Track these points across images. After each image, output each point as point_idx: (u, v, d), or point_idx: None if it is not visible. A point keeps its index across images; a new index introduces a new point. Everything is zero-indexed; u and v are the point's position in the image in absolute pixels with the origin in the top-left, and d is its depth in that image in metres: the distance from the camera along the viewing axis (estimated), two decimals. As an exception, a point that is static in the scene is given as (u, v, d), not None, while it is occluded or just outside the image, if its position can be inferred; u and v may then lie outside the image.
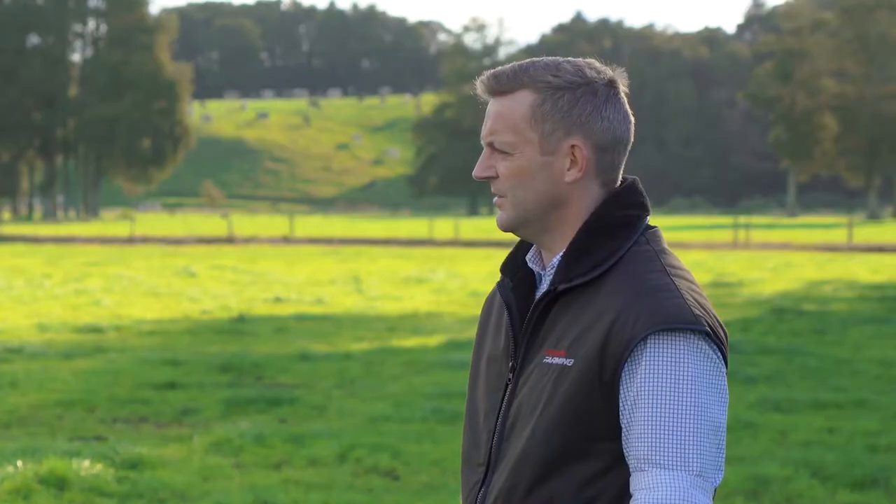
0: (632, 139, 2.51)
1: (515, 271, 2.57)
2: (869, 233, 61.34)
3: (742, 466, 8.65)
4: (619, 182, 2.51)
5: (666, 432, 2.30)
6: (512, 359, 2.50)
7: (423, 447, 9.31)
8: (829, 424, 10.31)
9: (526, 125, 2.45)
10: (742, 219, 66.27)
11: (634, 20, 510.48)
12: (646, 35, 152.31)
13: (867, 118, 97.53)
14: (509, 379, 2.50)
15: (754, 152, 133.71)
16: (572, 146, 2.44)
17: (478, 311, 19.01)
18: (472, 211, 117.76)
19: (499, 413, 2.51)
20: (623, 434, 2.35)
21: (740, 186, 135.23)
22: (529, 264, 2.55)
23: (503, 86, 2.47)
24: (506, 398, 2.50)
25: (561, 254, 2.47)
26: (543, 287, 2.52)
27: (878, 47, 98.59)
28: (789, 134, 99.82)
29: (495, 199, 2.51)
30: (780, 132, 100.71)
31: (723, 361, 2.38)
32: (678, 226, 66.68)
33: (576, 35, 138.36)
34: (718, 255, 39.69)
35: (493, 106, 2.49)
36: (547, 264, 2.52)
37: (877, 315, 19.47)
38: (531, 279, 2.55)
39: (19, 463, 8.37)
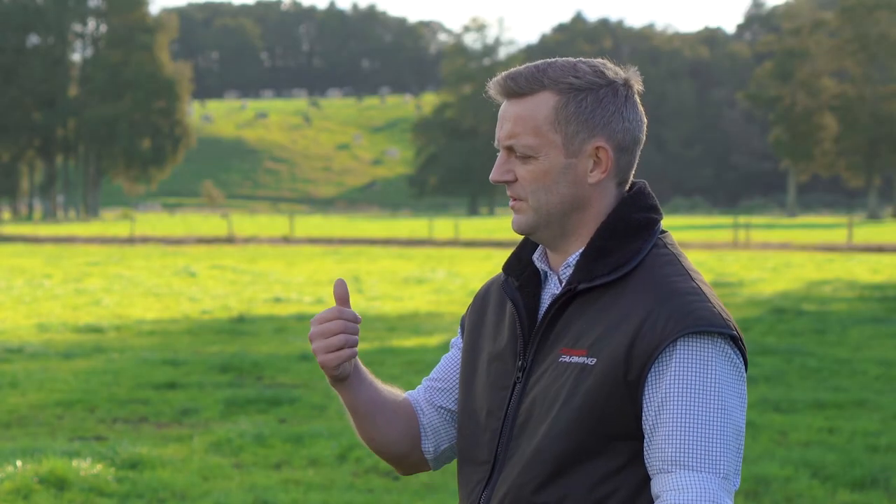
0: (644, 139, 2.51)
1: (521, 271, 2.55)
2: (869, 233, 61.33)
3: (742, 466, 8.64)
4: (630, 182, 2.52)
5: (694, 434, 2.30)
6: (521, 357, 2.49)
7: (423, 447, 9.30)
8: (829, 424, 10.30)
9: (549, 127, 2.43)
10: (742, 219, 66.26)
11: (634, 20, 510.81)
12: (646, 35, 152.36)
13: (867, 118, 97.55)
14: (518, 378, 2.49)
15: (754, 152, 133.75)
16: (597, 147, 2.43)
17: (478, 311, 18.94)
18: (472, 211, 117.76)
19: (506, 411, 2.49)
20: (646, 435, 2.35)
21: (740, 186, 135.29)
22: (536, 263, 2.54)
23: (522, 87, 2.44)
24: (514, 396, 2.48)
25: (578, 253, 2.46)
26: (551, 286, 2.51)
27: (878, 47, 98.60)
28: (789, 134, 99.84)
29: (512, 202, 2.48)
30: (780, 132, 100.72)
31: (744, 366, 2.40)
32: (678, 226, 66.66)
33: (576, 35, 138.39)
34: (718, 255, 39.68)
35: (511, 108, 2.45)
36: (556, 264, 2.51)
37: (877, 315, 19.46)
38: (537, 278, 2.54)
39: (19, 463, 8.36)
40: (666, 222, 2.51)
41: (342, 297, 2.50)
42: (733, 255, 39.92)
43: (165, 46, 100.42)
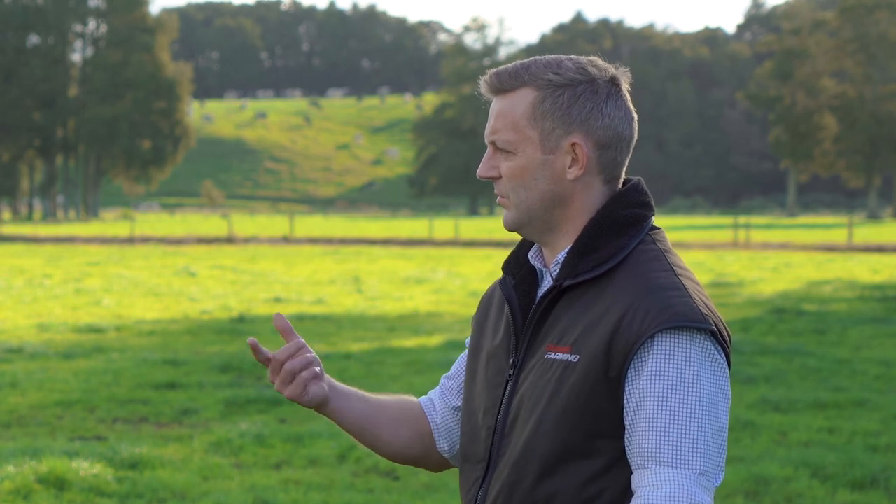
0: (635, 136, 2.50)
1: (518, 269, 2.57)
2: (869, 233, 61.31)
3: (742, 466, 8.64)
4: (622, 179, 2.52)
5: (670, 430, 2.30)
6: (513, 355, 2.50)
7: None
8: (829, 424, 10.30)
9: (526, 123, 2.45)
10: (742, 219, 66.26)
11: (634, 20, 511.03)
12: (646, 35, 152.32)
13: (867, 118, 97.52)
14: (510, 375, 2.50)
15: (754, 152, 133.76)
16: (573, 144, 2.44)
17: (478, 311, 18.88)
18: (472, 211, 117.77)
19: (499, 409, 2.51)
20: (626, 431, 2.35)
21: (740, 186, 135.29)
22: (532, 261, 2.55)
23: (505, 84, 2.47)
24: (506, 394, 2.50)
25: (566, 250, 2.47)
26: (546, 284, 2.52)
27: (878, 47, 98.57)
28: (789, 134, 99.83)
29: (499, 199, 2.51)
30: (780, 132, 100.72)
31: (726, 362, 2.39)
32: (678, 226, 66.60)
33: (576, 35, 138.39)
34: (718, 255, 39.67)
35: (496, 105, 2.49)
36: (549, 262, 2.52)
37: (877, 315, 19.45)
38: (533, 276, 2.55)
39: (19, 463, 8.36)
40: (666, 222, 2.51)
41: (285, 329, 2.56)
42: (733, 255, 39.91)
43: (166, 46, 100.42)
